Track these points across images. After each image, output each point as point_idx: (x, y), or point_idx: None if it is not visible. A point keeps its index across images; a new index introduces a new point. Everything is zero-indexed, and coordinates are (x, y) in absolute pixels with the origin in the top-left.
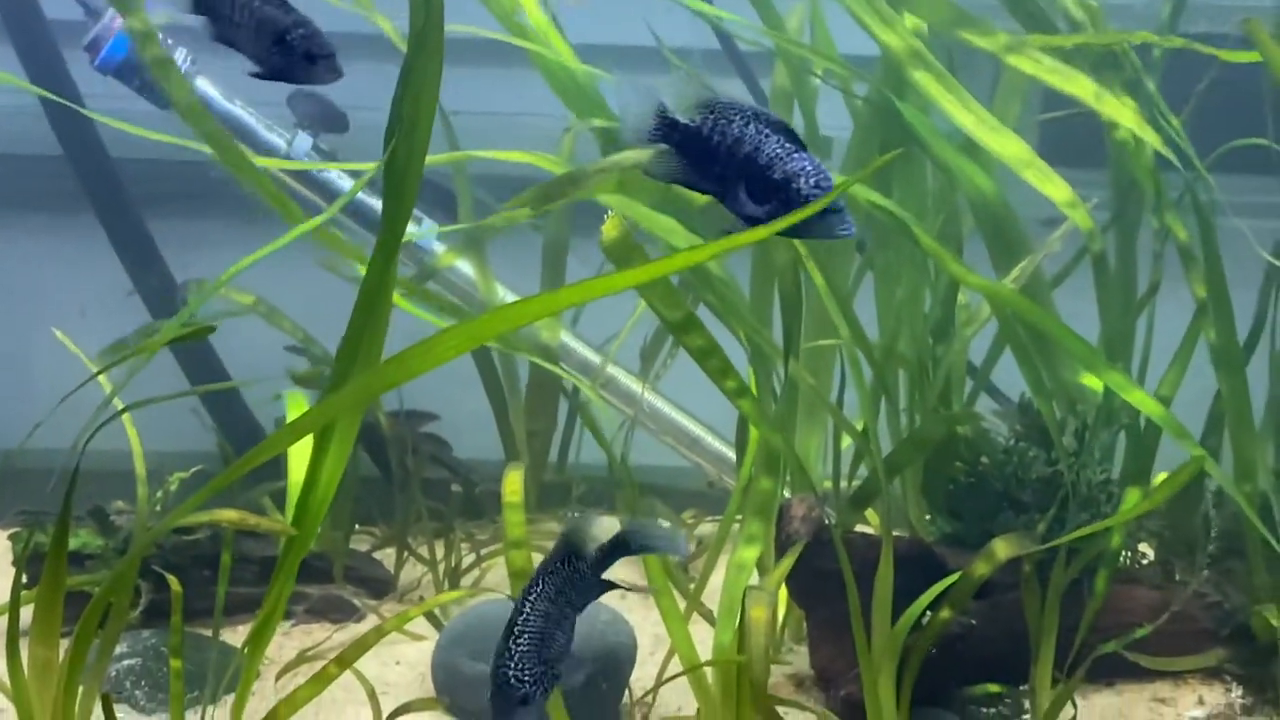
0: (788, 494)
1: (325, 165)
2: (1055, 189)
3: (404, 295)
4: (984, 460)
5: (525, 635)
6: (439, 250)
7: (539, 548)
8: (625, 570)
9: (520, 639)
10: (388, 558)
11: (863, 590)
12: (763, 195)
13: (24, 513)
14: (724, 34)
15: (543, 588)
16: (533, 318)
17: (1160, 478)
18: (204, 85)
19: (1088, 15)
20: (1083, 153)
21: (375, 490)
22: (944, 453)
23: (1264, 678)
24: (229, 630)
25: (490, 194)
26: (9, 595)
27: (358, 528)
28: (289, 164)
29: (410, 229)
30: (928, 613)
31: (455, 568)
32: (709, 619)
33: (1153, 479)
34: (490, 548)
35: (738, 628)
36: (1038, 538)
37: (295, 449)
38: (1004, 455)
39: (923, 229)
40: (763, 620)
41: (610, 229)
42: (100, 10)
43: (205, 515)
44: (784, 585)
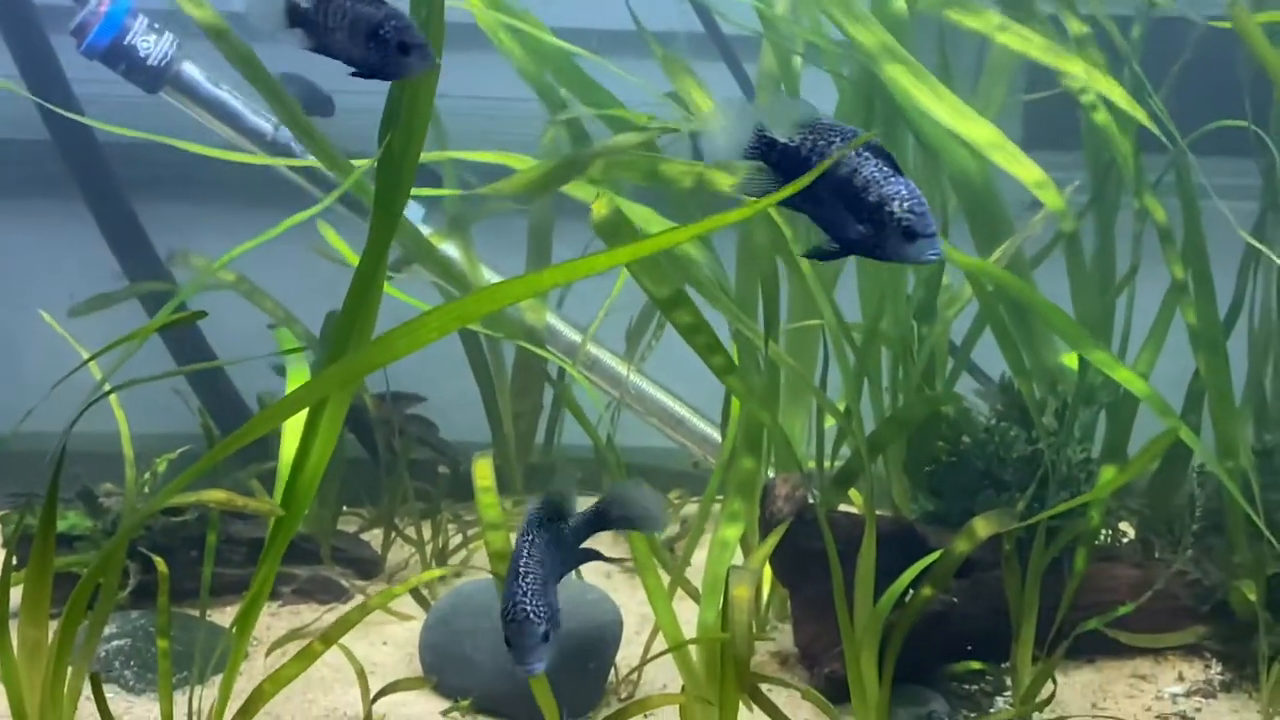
0: (772, 473)
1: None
2: (1025, 170)
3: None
4: (965, 439)
5: (530, 575)
6: (425, 232)
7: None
8: (612, 549)
9: (527, 578)
10: (375, 539)
11: (846, 569)
12: (857, 217)
13: (14, 495)
14: (708, 17)
15: (534, 538)
16: (516, 298)
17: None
18: (190, 70)
19: None
20: (1068, 134)
21: (362, 472)
22: (926, 432)
23: (1243, 654)
24: (217, 611)
25: (476, 177)
26: None
27: (345, 509)
28: (302, 161)
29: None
30: (910, 591)
31: (443, 549)
32: (695, 597)
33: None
34: (477, 529)
35: (721, 606)
36: (1018, 516)
37: (290, 429)
38: (985, 434)
39: None
40: (746, 598)
41: (600, 207)
42: None
43: (193, 496)
44: (768, 564)
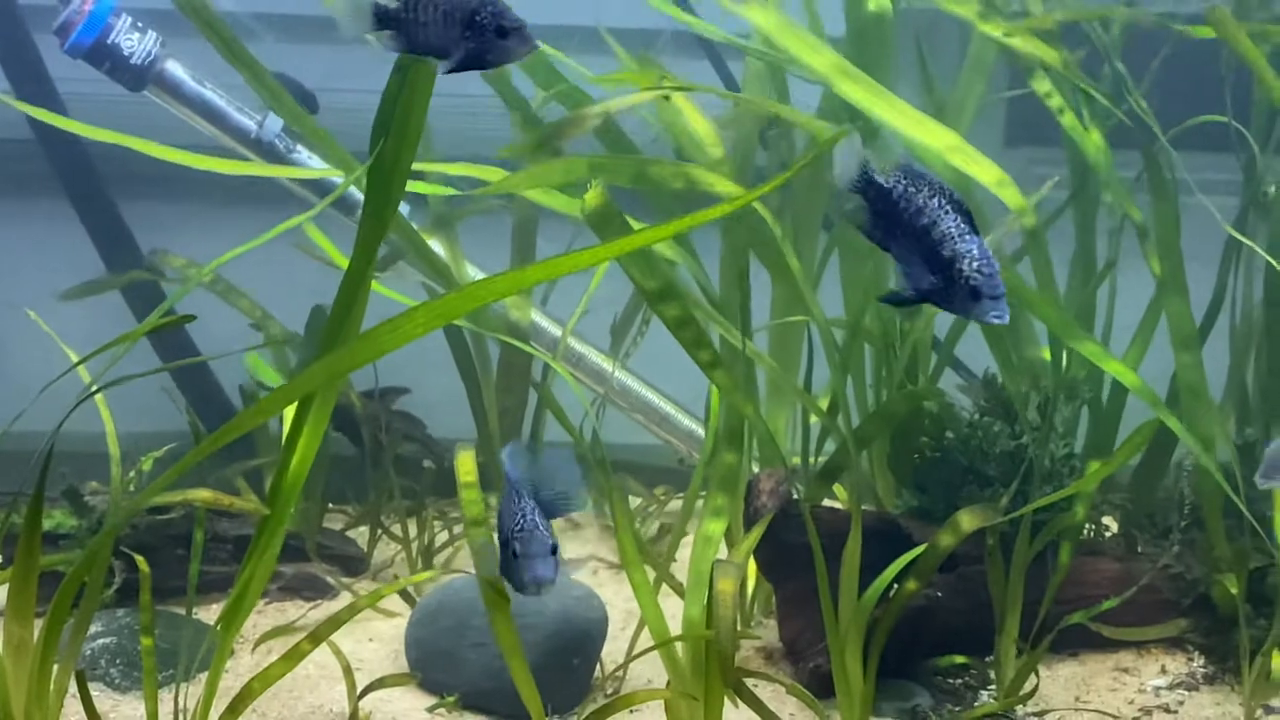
0: (756, 468)
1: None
2: (983, 171)
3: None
4: (949, 435)
5: (526, 501)
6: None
7: None
8: (597, 546)
9: (523, 503)
10: (361, 536)
11: (830, 564)
12: (930, 268)
13: None
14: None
15: (512, 488)
16: (500, 295)
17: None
18: (174, 68)
19: None
20: (1050, 130)
21: (348, 469)
22: (910, 427)
23: (1225, 647)
24: (203, 608)
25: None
26: None
27: (331, 506)
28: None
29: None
30: (894, 585)
31: (428, 546)
32: (680, 592)
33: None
34: (463, 525)
35: (706, 601)
36: (1001, 510)
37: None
38: (969, 429)
39: None
40: (730, 593)
41: (592, 198)
42: None
43: (179, 495)
44: (753, 559)
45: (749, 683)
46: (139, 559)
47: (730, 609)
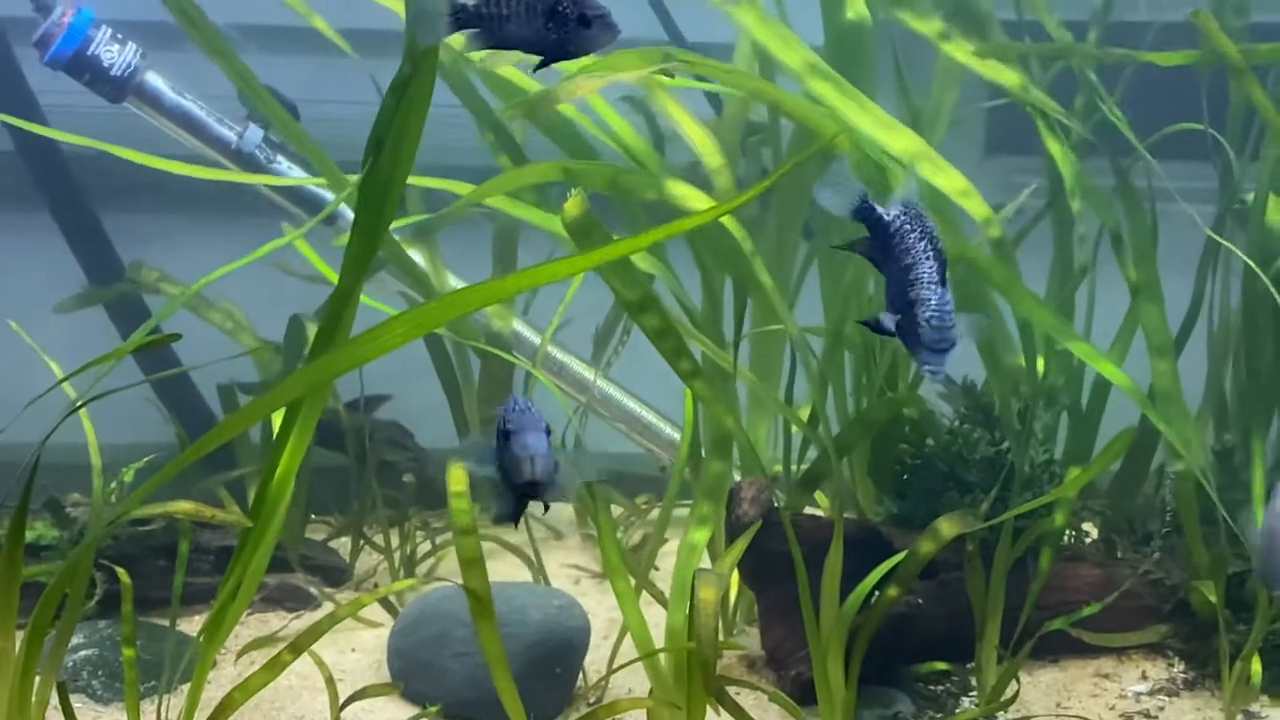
0: (738, 476)
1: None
2: (948, 180)
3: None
4: (929, 442)
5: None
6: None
7: (491, 537)
8: (580, 556)
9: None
10: (343, 547)
11: (812, 571)
12: (894, 305)
13: None
14: (670, 21)
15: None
16: (480, 304)
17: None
18: (154, 79)
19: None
20: (1029, 139)
21: (330, 479)
22: (890, 434)
23: (1205, 653)
24: (186, 620)
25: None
26: None
27: (314, 517)
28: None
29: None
30: (875, 592)
31: (411, 556)
32: (662, 601)
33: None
34: (445, 535)
35: (689, 610)
36: (981, 517)
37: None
38: (949, 436)
39: None
40: (712, 602)
41: (572, 206)
42: (49, 6)
43: (160, 507)
44: (735, 568)
45: (731, 691)
46: (120, 570)
47: (712, 618)
